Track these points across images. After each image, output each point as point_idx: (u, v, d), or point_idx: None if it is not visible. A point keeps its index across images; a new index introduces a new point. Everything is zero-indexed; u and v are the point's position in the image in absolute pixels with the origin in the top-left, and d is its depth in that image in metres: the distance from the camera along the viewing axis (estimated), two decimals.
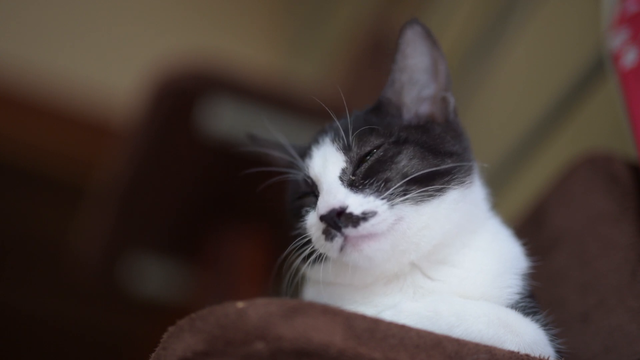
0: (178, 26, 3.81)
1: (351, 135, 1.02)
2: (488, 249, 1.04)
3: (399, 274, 1.01)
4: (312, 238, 1.00)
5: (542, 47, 2.00)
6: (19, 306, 3.57)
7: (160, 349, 0.87)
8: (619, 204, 1.19)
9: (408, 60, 1.05)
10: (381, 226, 0.96)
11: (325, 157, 1.03)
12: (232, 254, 2.43)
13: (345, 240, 0.96)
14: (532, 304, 1.02)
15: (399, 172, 0.98)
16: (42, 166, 3.40)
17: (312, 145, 1.07)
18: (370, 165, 1.00)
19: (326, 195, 0.98)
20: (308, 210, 1.03)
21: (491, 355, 0.89)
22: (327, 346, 0.82)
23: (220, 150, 2.24)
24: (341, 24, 3.44)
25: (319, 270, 1.01)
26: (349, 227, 0.95)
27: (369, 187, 0.98)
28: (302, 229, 1.03)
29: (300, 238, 1.02)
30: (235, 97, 2.18)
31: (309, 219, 1.02)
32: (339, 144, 1.03)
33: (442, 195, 0.99)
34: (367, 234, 0.95)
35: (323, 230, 0.97)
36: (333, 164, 1.02)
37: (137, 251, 2.61)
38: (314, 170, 1.03)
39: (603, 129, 1.67)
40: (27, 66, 3.39)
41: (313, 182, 1.04)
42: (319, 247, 0.99)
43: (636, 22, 1.25)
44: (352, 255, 0.97)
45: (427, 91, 1.07)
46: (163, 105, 2.18)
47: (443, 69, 1.07)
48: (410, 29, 1.05)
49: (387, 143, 1.01)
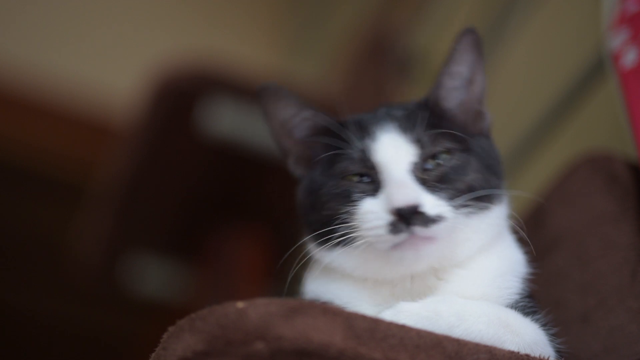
0: (178, 26, 3.81)
1: (424, 130, 1.01)
2: (493, 252, 1.04)
3: (414, 276, 1.01)
4: (364, 225, 0.97)
5: (542, 47, 2.01)
6: (19, 306, 3.57)
7: (160, 349, 0.87)
8: (619, 204, 1.19)
9: (458, 67, 1.07)
10: (444, 232, 0.96)
11: (395, 145, 1.00)
12: (232, 254, 2.43)
13: (408, 237, 0.95)
14: (532, 304, 1.02)
15: (468, 184, 0.99)
16: (42, 166, 3.40)
17: (373, 126, 1.03)
18: (445, 171, 0.99)
19: (402, 188, 0.96)
20: (361, 195, 0.99)
21: (491, 355, 0.89)
22: (327, 346, 0.82)
23: (220, 150, 2.24)
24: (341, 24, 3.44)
25: (340, 255, 1.00)
26: (419, 226, 0.94)
27: (442, 191, 0.98)
28: (343, 211, 0.99)
29: (335, 219, 0.99)
30: (235, 97, 2.18)
31: (365, 205, 0.98)
32: (412, 136, 1.01)
33: (486, 211, 1.01)
34: (431, 237, 0.95)
35: (390, 221, 0.94)
36: (404, 155, 0.99)
37: (137, 251, 2.61)
38: (380, 156, 1.00)
39: (603, 129, 1.67)
40: (27, 66, 3.39)
41: (374, 167, 1.00)
42: (370, 235, 0.96)
43: (636, 22, 1.25)
44: (406, 253, 0.96)
45: (466, 99, 1.08)
46: (163, 105, 2.18)
47: (480, 82, 1.09)
48: (467, 37, 1.06)
49: (457, 150, 1.01)
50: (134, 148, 2.32)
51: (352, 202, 0.99)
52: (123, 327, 3.53)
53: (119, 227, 2.50)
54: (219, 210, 2.45)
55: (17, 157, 3.37)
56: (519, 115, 1.93)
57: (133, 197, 2.41)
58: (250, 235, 2.45)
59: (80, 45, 3.57)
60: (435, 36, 2.54)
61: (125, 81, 3.26)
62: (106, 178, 2.55)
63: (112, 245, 2.56)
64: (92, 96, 3.44)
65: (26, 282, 3.57)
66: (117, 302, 3.23)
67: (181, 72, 2.17)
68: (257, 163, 2.28)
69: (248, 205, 2.45)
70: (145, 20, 3.76)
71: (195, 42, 3.42)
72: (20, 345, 3.58)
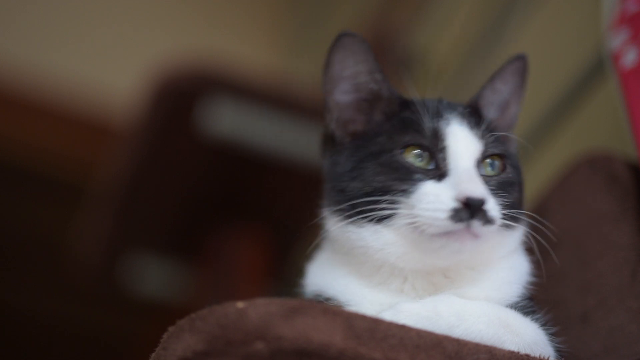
0: (178, 26, 3.81)
1: (485, 130, 1.02)
2: (505, 260, 1.05)
3: (428, 273, 1.01)
4: (420, 204, 0.95)
5: (542, 47, 2.01)
6: (19, 306, 3.57)
7: (160, 349, 0.87)
8: (619, 204, 1.19)
9: (503, 86, 1.10)
10: (490, 236, 0.97)
11: (466, 136, 1.01)
12: (232, 254, 2.43)
13: (463, 229, 0.95)
14: (530, 304, 1.03)
15: (514, 200, 1.01)
16: (42, 166, 3.40)
17: (443, 110, 1.02)
18: (503, 181, 1.01)
19: (473, 180, 0.96)
20: (423, 176, 0.97)
21: (491, 355, 0.89)
22: (327, 346, 0.82)
23: (220, 150, 2.24)
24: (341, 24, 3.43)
25: (370, 233, 0.98)
26: (479, 221, 0.94)
27: (499, 197, 0.99)
28: (399, 187, 0.96)
29: (383, 191, 0.97)
30: (235, 97, 2.18)
31: (427, 186, 0.96)
32: (478, 132, 1.02)
33: (512, 232, 1.03)
34: (480, 235, 0.96)
35: (455, 208, 0.94)
36: (472, 149, 1.00)
37: (137, 251, 2.61)
38: (452, 141, 1.00)
39: (603, 129, 1.67)
40: (27, 66, 3.39)
41: (444, 151, 0.99)
42: (425, 217, 0.94)
43: (636, 22, 1.25)
44: (451, 244, 0.96)
45: (499, 119, 1.10)
46: (163, 105, 2.18)
47: (515, 109, 1.12)
48: (518, 61, 1.10)
49: (508, 164, 1.03)
50: (134, 148, 2.32)
51: (412, 180, 0.97)
52: (123, 327, 3.53)
53: (119, 227, 2.50)
54: (219, 210, 2.45)
55: (17, 157, 3.37)
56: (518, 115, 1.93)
57: (133, 197, 2.41)
58: (250, 235, 2.44)
59: (80, 45, 3.57)
60: (435, 36, 2.54)
61: (125, 81, 3.26)
62: (106, 178, 2.55)
63: (112, 245, 2.56)
64: (92, 96, 3.44)
65: (26, 282, 3.57)
66: (117, 302, 3.23)
67: (181, 72, 2.17)
68: (257, 163, 2.28)
69: (248, 205, 2.45)
70: (145, 20, 3.76)
71: (195, 42, 3.42)
72: (20, 345, 3.58)
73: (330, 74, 1.05)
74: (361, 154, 1.02)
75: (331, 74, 1.05)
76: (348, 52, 1.03)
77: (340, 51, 1.03)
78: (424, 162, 0.99)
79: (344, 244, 1.02)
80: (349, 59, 1.04)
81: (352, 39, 1.03)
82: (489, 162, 1.02)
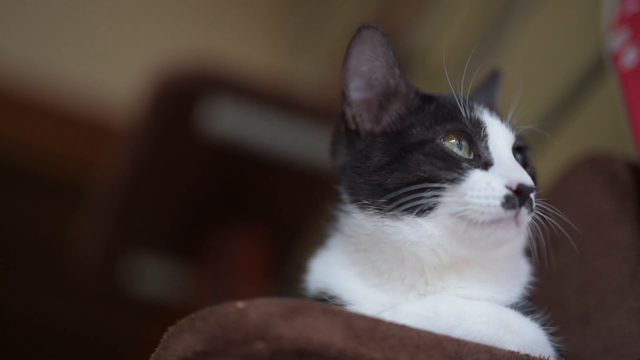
0: (178, 26, 3.81)
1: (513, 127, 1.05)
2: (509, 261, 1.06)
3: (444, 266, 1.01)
4: (472, 192, 0.95)
5: (542, 47, 2.01)
6: (19, 306, 3.57)
7: (160, 349, 0.87)
8: (619, 204, 1.19)
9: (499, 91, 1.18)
10: (526, 225, 0.98)
11: (502, 129, 1.04)
12: (232, 254, 2.43)
13: (512, 217, 0.95)
14: (530, 304, 1.03)
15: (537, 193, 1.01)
16: (42, 166, 3.40)
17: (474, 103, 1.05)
18: (531, 173, 1.02)
19: (521, 170, 0.98)
20: (471, 165, 0.97)
21: (491, 355, 0.89)
22: (327, 346, 0.82)
23: (220, 150, 2.24)
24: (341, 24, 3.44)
25: (409, 223, 0.97)
26: (527, 209, 0.95)
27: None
28: (449, 175, 0.96)
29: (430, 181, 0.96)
30: (235, 98, 2.18)
31: (477, 174, 0.96)
32: (508, 125, 1.05)
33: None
34: (523, 223, 0.97)
35: (507, 195, 0.94)
36: (509, 140, 1.03)
37: (137, 251, 2.61)
38: (494, 132, 1.01)
39: (603, 129, 1.67)
40: (27, 66, 3.39)
41: (485, 140, 1.00)
42: (477, 204, 0.94)
43: (636, 22, 1.25)
44: (499, 232, 0.96)
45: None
46: (163, 105, 2.18)
47: None
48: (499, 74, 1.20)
49: (528, 157, 1.06)
50: (134, 148, 2.32)
51: (461, 168, 0.97)
52: (123, 327, 3.53)
53: (119, 227, 2.50)
54: (219, 210, 2.45)
55: (17, 157, 3.37)
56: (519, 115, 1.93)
57: (133, 197, 2.41)
58: (250, 235, 2.44)
59: (80, 45, 3.57)
60: (435, 36, 2.54)
61: (125, 81, 3.26)
62: (106, 178, 2.55)
63: (112, 245, 2.56)
64: (92, 96, 3.44)
65: (26, 282, 3.57)
66: (117, 302, 3.23)
67: (181, 72, 2.17)
68: (257, 163, 2.28)
69: (248, 205, 2.45)
70: (145, 20, 3.76)
71: (195, 42, 3.42)
72: (20, 345, 3.58)
73: (349, 67, 1.02)
74: (400, 146, 1.00)
75: (350, 67, 1.02)
76: (368, 45, 1.01)
77: (360, 44, 1.01)
78: (464, 151, 0.99)
79: (370, 239, 1.01)
80: (368, 52, 1.01)
81: (374, 31, 1.01)
82: (516, 155, 1.04)
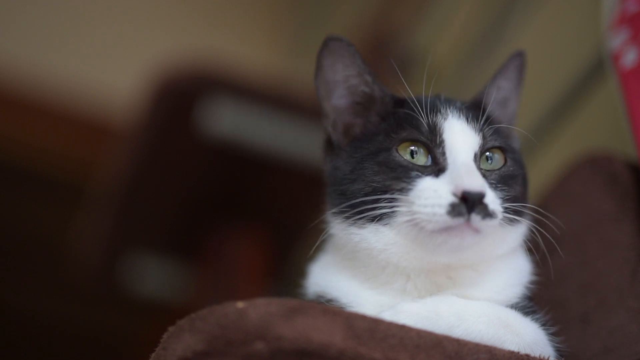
0: (178, 26, 3.81)
1: (484, 124, 1.02)
2: (506, 262, 1.05)
3: (430, 272, 1.00)
4: (419, 201, 0.94)
5: (542, 47, 2.00)
6: (19, 306, 3.57)
7: (160, 349, 0.87)
8: (619, 204, 1.19)
9: (506, 82, 1.11)
10: (490, 230, 0.96)
11: (463, 129, 1.00)
12: (232, 254, 2.43)
13: (462, 224, 0.94)
14: (531, 304, 1.03)
15: (515, 194, 1.00)
16: (42, 166, 3.40)
17: (441, 106, 1.02)
18: (504, 175, 1.00)
19: (471, 173, 0.95)
20: (420, 173, 0.97)
21: (491, 355, 0.89)
22: (327, 346, 0.82)
23: (220, 150, 2.24)
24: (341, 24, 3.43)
25: (371, 233, 0.98)
26: (479, 216, 0.93)
27: (498, 191, 0.98)
28: (398, 185, 0.96)
29: (382, 190, 0.96)
30: (235, 97, 2.18)
31: (425, 182, 0.96)
32: (475, 125, 1.01)
33: (516, 226, 1.02)
34: (480, 229, 0.95)
35: (453, 203, 0.93)
36: (470, 143, 0.99)
37: (137, 251, 2.61)
38: (449, 135, 0.99)
39: (603, 129, 1.67)
40: (27, 66, 3.39)
41: (442, 145, 0.99)
42: (424, 213, 0.94)
43: (636, 22, 1.25)
44: (452, 240, 0.95)
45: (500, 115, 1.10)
46: (163, 105, 2.18)
47: (513, 105, 1.13)
48: (519, 57, 1.11)
49: (509, 159, 1.03)
50: (134, 148, 2.32)
51: (410, 177, 0.97)
52: (123, 327, 3.53)
53: (119, 227, 2.50)
54: (219, 210, 2.45)
55: (17, 157, 3.37)
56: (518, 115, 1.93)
57: (133, 197, 2.41)
58: (250, 235, 2.44)
59: (80, 45, 3.57)
60: (435, 36, 2.54)
61: (125, 81, 3.26)
62: (106, 178, 2.55)
63: (112, 245, 2.56)
64: (92, 96, 3.44)
65: (26, 282, 3.57)
66: (117, 302, 3.23)
67: (181, 72, 2.17)
68: (257, 163, 2.28)
69: (248, 205, 2.45)
70: (145, 20, 3.76)
71: (195, 42, 3.42)
72: (20, 345, 3.58)
73: (322, 79, 1.05)
74: (359, 156, 1.01)
75: (323, 79, 1.05)
76: (337, 56, 1.03)
77: (329, 56, 1.04)
78: (421, 158, 0.99)
79: (347, 246, 1.02)
80: (338, 63, 1.04)
81: (339, 42, 1.03)
82: (490, 156, 1.02)
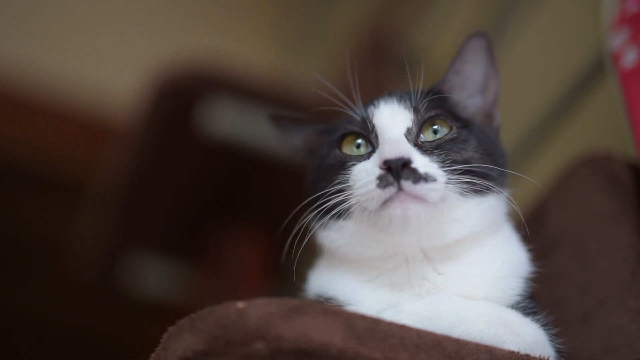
0: (178, 26, 3.81)
1: (420, 99, 1.04)
2: (497, 252, 1.04)
3: (409, 260, 1.01)
4: (356, 184, 0.98)
5: (542, 47, 2.00)
6: (19, 306, 3.57)
7: (160, 349, 0.87)
8: (619, 204, 1.19)
9: (465, 66, 1.10)
10: (433, 195, 0.96)
11: (392, 111, 1.03)
12: (232, 254, 2.43)
13: (396, 193, 0.95)
14: (532, 304, 1.02)
15: (464, 158, 1.00)
16: (42, 166, 3.40)
17: (378, 99, 1.07)
18: (443, 141, 1.01)
19: (394, 143, 0.97)
20: (356, 161, 1.01)
21: (491, 355, 0.89)
22: (327, 346, 0.82)
23: (220, 150, 2.24)
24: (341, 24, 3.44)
25: (336, 228, 1.02)
26: (409, 181, 0.94)
27: (435, 156, 0.99)
28: (339, 178, 1.01)
29: (331, 187, 1.00)
30: (235, 97, 2.18)
31: (359, 166, 1.00)
32: (407, 103, 1.04)
33: (483, 196, 1.01)
34: (419, 195, 0.95)
35: (379, 175, 0.95)
36: (399, 121, 1.02)
37: (137, 251, 2.61)
38: (379, 119, 1.03)
39: (603, 129, 1.67)
40: (27, 66, 3.39)
41: (374, 130, 1.03)
42: (361, 194, 0.97)
43: (636, 22, 1.25)
44: (394, 211, 0.95)
45: (473, 101, 1.10)
46: (163, 105, 2.18)
47: (494, 87, 1.11)
48: (476, 39, 1.10)
49: (455, 126, 1.03)
50: (134, 148, 2.32)
51: (349, 168, 1.01)
52: (123, 327, 3.53)
53: (119, 227, 2.50)
54: (219, 210, 2.45)
55: (17, 157, 3.37)
56: (519, 115, 1.93)
57: (133, 197, 2.41)
58: (250, 235, 2.44)
59: (81, 45, 3.57)
60: (435, 36, 2.54)
61: (125, 81, 3.26)
62: (106, 178, 2.55)
63: (112, 245, 2.56)
64: (92, 96, 3.44)
65: (26, 282, 3.57)
66: (117, 302, 3.24)
67: (181, 72, 2.17)
68: (257, 163, 2.28)
69: (248, 205, 2.45)
70: (145, 20, 3.76)
71: (195, 42, 3.42)
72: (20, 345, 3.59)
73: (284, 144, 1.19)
74: (318, 163, 1.09)
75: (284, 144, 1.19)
76: (284, 132, 1.18)
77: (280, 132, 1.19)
78: (363, 148, 1.03)
79: (328, 247, 1.06)
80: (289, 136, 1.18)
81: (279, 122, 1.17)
82: (437, 129, 1.03)
